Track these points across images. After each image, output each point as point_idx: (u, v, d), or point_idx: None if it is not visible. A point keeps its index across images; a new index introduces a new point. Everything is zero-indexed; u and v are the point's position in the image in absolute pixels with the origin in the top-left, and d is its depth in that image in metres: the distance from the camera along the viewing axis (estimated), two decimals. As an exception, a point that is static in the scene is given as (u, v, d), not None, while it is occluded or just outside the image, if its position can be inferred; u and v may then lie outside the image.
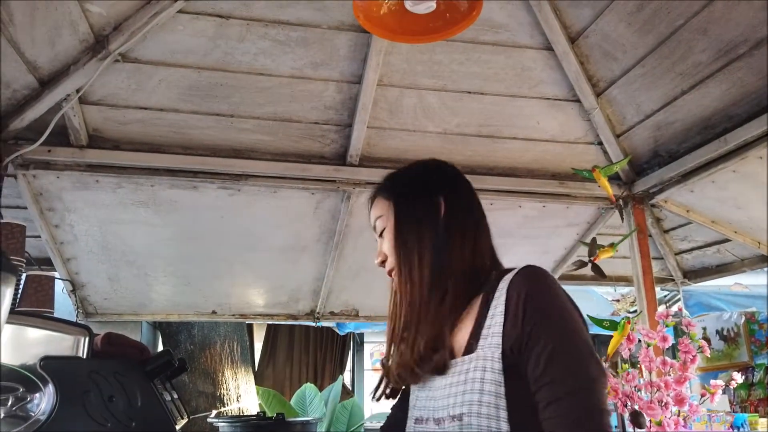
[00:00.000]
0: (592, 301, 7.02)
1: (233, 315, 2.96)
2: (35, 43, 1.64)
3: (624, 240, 2.12)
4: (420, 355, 0.95)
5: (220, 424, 1.93)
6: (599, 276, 2.04)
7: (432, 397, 0.96)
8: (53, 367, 1.15)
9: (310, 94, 2.04)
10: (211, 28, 1.79)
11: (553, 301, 0.89)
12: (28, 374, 1.15)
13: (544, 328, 0.86)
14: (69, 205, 2.18)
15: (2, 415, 1.13)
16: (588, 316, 2.38)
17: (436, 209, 1.03)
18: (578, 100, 2.16)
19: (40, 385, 1.15)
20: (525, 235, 2.67)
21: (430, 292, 0.98)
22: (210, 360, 3.65)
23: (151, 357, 1.30)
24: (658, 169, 2.31)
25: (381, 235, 1.08)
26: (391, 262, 1.05)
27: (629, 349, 1.99)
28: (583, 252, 2.82)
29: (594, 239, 2.09)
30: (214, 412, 3.49)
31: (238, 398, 3.67)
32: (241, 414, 3.56)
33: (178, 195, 2.21)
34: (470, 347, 0.91)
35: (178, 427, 1.36)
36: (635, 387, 1.92)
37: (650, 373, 1.93)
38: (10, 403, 1.14)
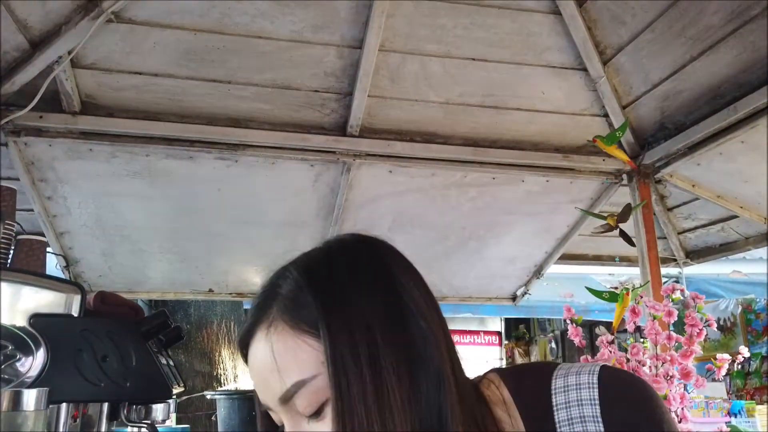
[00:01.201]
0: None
1: (230, 293, 2.91)
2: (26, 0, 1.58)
3: (636, 208, 2.08)
4: None
5: (218, 397, 1.89)
6: (628, 242, 2.02)
7: None
8: (44, 324, 1.10)
9: (310, 59, 1.98)
10: (208, -13, 1.73)
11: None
12: (18, 332, 1.10)
13: None
14: (62, 176, 2.12)
15: (-10, 373, 1.08)
16: (587, 288, 2.34)
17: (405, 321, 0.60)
18: (584, 69, 2.11)
19: (30, 343, 1.10)
20: (527, 212, 2.63)
21: None
22: (207, 339, 3.61)
23: (145, 317, 1.25)
24: (663, 142, 2.26)
25: (318, 414, 0.57)
26: None
27: (634, 323, 1.95)
28: (585, 230, 2.79)
29: (628, 205, 2.06)
30: (211, 391, 3.45)
31: (235, 378, 3.63)
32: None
33: (173, 165, 2.15)
34: None
35: (174, 392, 1.31)
36: (639, 361, 1.89)
37: (656, 346, 1.89)
38: (-2, 361, 1.09)
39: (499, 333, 11.42)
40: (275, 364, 0.58)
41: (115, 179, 2.17)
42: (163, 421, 1.31)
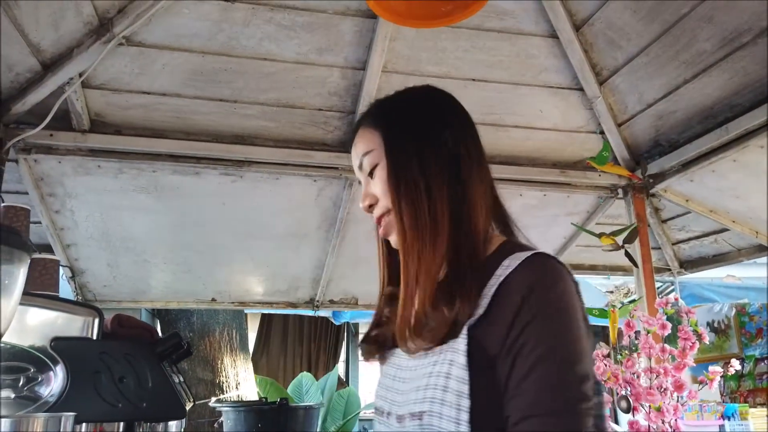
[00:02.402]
0: (587, 293, 7.05)
1: (233, 303, 2.96)
2: (39, 24, 1.62)
3: (628, 230, 2.15)
4: (417, 317, 0.78)
5: (224, 409, 1.94)
6: (632, 263, 2.09)
7: (394, 388, 0.83)
8: (64, 347, 1.15)
9: (314, 80, 2.03)
10: (216, 12, 1.78)
11: (560, 310, 0.72)
12: (39, 354, 1.14)
13: (536, 332, 0.70)
14: (70, 191, 2.16)
15: (13, 395, 1.13)
16: (584, 305, 2.41)
17: (443, 144, 0.84)
18: (581, 89, 2.16)
19: (51, 365, 1.15)
20: (525, 224, 2.65)
21: (443, 246, 0.79)
22: (209, 347, 3.65)
23: (160, 339, 1.30)
24: (658, 158, 2.32)
25: (370, 174, 0.87)
26: (384, 205, 0.85)
27: (629, 336, 2.01)
28: (581, 241, 2.85)
29: (635, 227, 2.13)
30: (213, 399, 3.50)
31: (237, 386, 3.67)
32: (241, 400, 3.57)
33: (179, 181, 2.20)
34: (450, 332, 0.75)
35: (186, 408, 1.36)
36: (634, 373, 1.94)
37: (650, 359, 1.95)
38: (21, 384, 1.14)
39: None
40: (357, 146, 0.90)
41: (121, 194, 2.22)
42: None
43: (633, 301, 2.18)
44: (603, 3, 1.85)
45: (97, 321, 1.21)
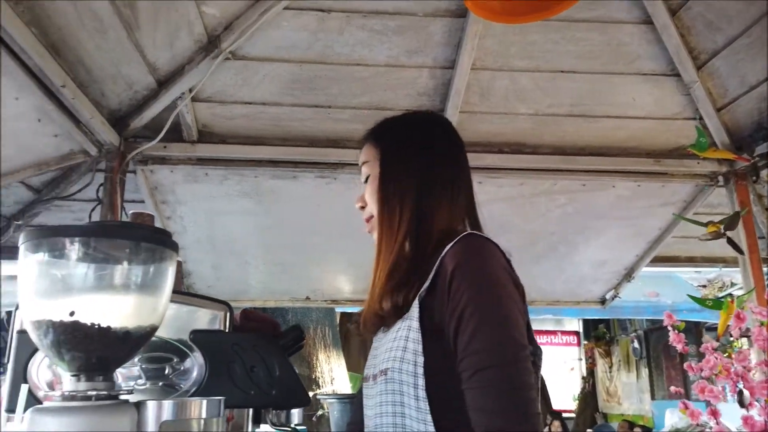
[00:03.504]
0: (677, 287, 6.77)
1: (325, 300, 3.07)
2: (156, 45, 1.77)
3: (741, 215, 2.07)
4: (383, 298, 0.97)
5: (330, 400, 2.03)
6: (736, 251, 2.02)
7: (375, 356, 1.01)
8: (202, 339, 1.26)
9: (404, 81, 2.09)
10: (313, 23, 1.87)
11: (485, 274, 0.89)
12: (181, 346, 1.26)
13: (471, 300, 0.86)
14: (180, 198, 2.33)
15: (160, 383, 1.24)
16: (690, 296, 2.32)
17: (424, 163, 1.03)
18: (677, 74, 2.10)
19: (191, 355, 1.26)
20: (618, 216, 2.63)
21: (404, 242, 1.00)
22: (305, 344, 3.80)
23: (282, 332, 1.39)
24: (762, 143, 2.22)
25: (366, 180, 1.08)
26: (370, 210, 1.06)
27: (739, 329, 1.94)
28: (677, 233, 2.76)
29: (737, 213, 2.06)
30: (311, 394, 3.64)
31: (332, 381, 3.80)
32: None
33: (278, 185, 2.32)
34: (405, 306, 0.94)
35: (306, 398, 1.44)
36: (746, 368, 1.87)
37: (764, 352, 1.87)
38: (166, 372, 1.25)
39: (577, 333, 11.17)
40: (361, 155, 1.10)
41: (226, 199, 2.36)
42: (298, 424, 1.45)
43: (745, 293, 2.09)
44: (701, -16, 1.80)
45: (227, 315, 1.31)
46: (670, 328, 1.89)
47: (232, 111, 2.11)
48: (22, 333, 1.12)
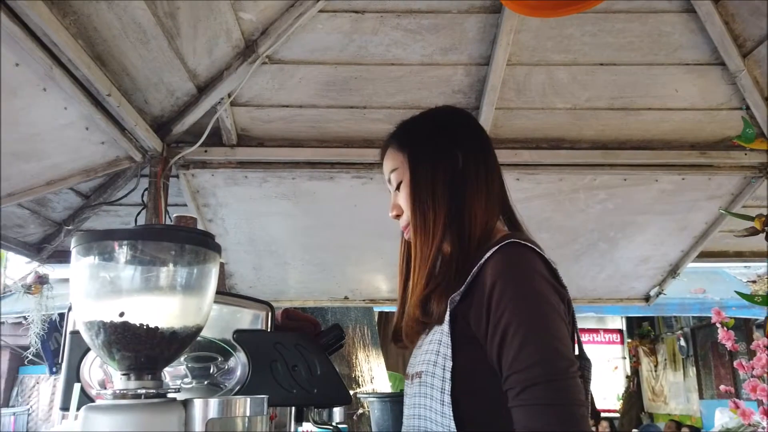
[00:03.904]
0: (725, 283, 6.55)
1: (363, 300, 3.09)
2: (196, 52, 1.81)
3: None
4: (426, 302, 0.97)
5: (370, 399, 2.04)
6: None
7: (415, 355, 1.03)
8: (245, 338, 1.29)
9: (439, 79, 2.09)
10: (348, 24, 1.88)
11: (526, 288, 0.87)
12: (225, 345, 1.29)
13: (514, 315, 0.84)
14: (221, 201, 2.38)
15: (206, 382, 1.28)
16: (738, 292, 2.25)
17: (453, 162, 1.02)
18: (721, 63, 2.03)
19: (235, 355, 1.29)
20: (661, 211, 2.56)
21: (441, 245, 0.99)
22: (344, 343, 3.84)
23: (323, 331, 1.40)
24: (815, 131, 2.12)
25: (398, 188, 1.08)
26: (406, 218, 1.05)
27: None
28: (725, 227, 2.67)
29: None
30: (351, 392, 3.67)
31: (371, 380, 3.82)
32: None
33: (316, 186, 2.34)
34: (442, 314, 0.95)
35: (347, 397, 1.46)
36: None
37: (822, 349, 1.80)
38: (211, 371, 1.28)
39: (620, 331, 10.92)
40: (386, 162, 1.11)
41: (265, 201, 2.40)
42: (339, 423, 1.46)
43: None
44: (746, -31, 1.74)
45: (269, 314, 1.34)
46: (718, 325, 1.84)
47: (269, 114, 2.15)
48: (75, 333, 1.17)
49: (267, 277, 2.86)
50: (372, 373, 3.88)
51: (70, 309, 1.18)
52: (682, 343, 8.49)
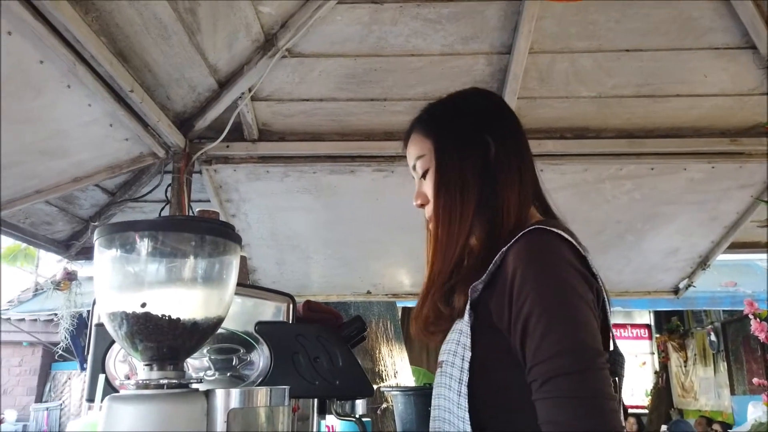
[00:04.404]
0: (757, 276, 6.39)
1: (386, 294, 3.08)
2: (216, 47, 1.82)
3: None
4: (450, 294, 0.94)
5: (394, 393, 2.03)
6: None
7: (445, 342, 1.00)
8: (267, 330, 1.29)
9: (460, 69, 2.06)
10: (366, 15, 1.87)
11: (549, 275, 0.83)
12: (247, 337, 1.29)
13: (537, 303, 0.80)
14: (244, 196, 2.39)
15: (228, 374, 1.28)
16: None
17: (483, 150, 0.96)
18: (752, 47, 1.97)
19: (257, 346, 1.29)
20: (690, 201, 2.50)
21: (469, 236, 0.95)
22: (368, 338, 3.85)
23: (345, 323, 1.40)
24: None
25: (423, 176, 1.01)
26: (431, 208, 0.99)
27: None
28: (758, 216, 2.59)
29: None
30: (374, 387, 3.67)
31: (395, 374, 3.82)
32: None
33: (337, 180, 2.34)
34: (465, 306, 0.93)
35: (370, 389, 1.45)
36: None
37: None
38: (233, 363, 1.29)
39: (648, 326, 10.74)
40: (411, 149, 1.04)
41: (287, 196, 2.41)
42: (363, 415, 1.46)
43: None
44: (778, -52, 1.68)
45: (291, 306, 1.33)
46: (751, 316, 1.78)
47: (290, 108, 2.15)
48: (100, 326, 1.18)
49: (290, 272, 2.87)
50: (395, 367, 3.88)
51: (95, 303, 1.20)
52: (713, 338, 8.31)
